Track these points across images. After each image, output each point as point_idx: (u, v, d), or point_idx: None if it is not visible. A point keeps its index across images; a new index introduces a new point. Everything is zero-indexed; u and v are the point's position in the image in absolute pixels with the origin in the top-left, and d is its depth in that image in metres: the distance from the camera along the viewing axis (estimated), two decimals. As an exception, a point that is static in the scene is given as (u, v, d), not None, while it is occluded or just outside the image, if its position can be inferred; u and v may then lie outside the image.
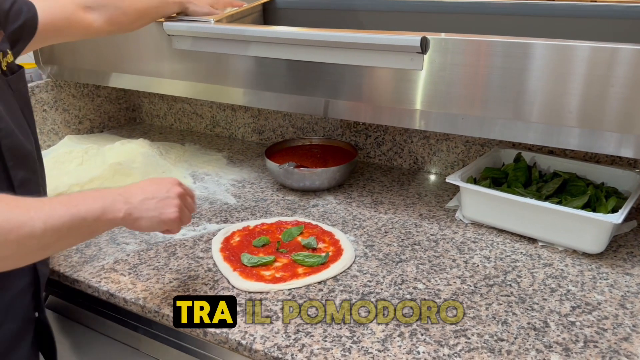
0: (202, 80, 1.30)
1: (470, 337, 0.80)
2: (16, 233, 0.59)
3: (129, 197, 0.74)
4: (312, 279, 0.94)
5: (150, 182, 0.80)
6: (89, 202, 0.68)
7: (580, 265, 0.98)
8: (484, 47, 0.94)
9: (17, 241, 0.59)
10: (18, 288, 0.83)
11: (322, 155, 1.40)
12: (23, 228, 0.59)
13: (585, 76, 0.87)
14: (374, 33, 1.00)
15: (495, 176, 1.18)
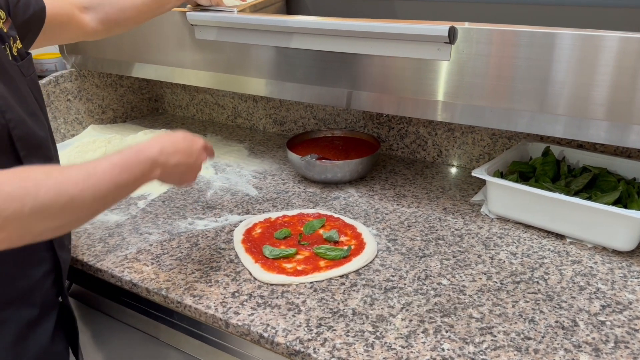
0: (224, 70, 1.30)
1: (496, 335, 0.78)
2: (70, 206, 0.63)
3: (166, 160, 0.77)
4: (334, 273, 0.93)
5: (183, 140, 0.82)
6: (131, 168, 0.71)
7: (610, 263, 0.96)
8: (511, 37, 0.91)
9: (71, 212, 0.64)
10: (38, 275, 0.83)
11: (344, 147, 1.38)
12: (75, 201, 0.63)
13: (614, 67, 0.85)
14: (400, 22, 0.98)
15: (523, 170, 1.15)
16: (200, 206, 1.20)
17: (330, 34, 1.06)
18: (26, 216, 0.59)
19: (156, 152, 0.75)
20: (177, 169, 0.80)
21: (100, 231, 1.11)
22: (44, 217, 0.61)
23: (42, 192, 0.60)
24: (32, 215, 0.60)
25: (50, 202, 0.61)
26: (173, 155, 0.78)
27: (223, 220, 1.14)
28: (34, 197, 0.60)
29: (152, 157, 0.75)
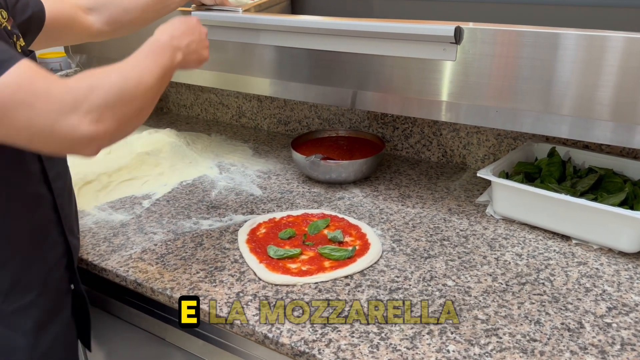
0: (228, 70, 1.30)
1: (501, 337, 0.78)
2: (142, 88, 0.73)
3: (179, 43, 0.84)
4: (338, 273, 0.93)
5: (181, 22, 0.88)
6: (161, 54, 0.80)
7: (617, 265, 0.95)
8: (516, 37, 0.91)
9: (143, 95, 0.73)
10: (53, 259, 0.86)
11: (349, 147, 1.38)
12: (143, 84, 0.73)
13: (619, 67, 0.84)
14: (406, 22, 0.97)
15: (528, 171, 1.14)
16: (205, 206, 1.20)
17: (335, 34, 1.06)
18: (111, 102, 0.67)
19: (168, 38, 0.83)
20: (190, 48, 0.87)
21: (105, 231, 1.11)
22: (124, 101, 0.70)
23: (113, 79, 0.69)
24: (116, 100, 0.68)
25: (123, 86, 0.70)
26: (182, 37, 0.85)
27: (227, 220, 1.14)
28: (109, 84, 0.68)
29: (169, 43, 0.83)
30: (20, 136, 0.65)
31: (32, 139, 0.65)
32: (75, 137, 0.65)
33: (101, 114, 0.66)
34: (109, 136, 0.68)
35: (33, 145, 0.67)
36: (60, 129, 0.63)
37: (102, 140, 0.68)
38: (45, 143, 0.66)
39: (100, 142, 0.68)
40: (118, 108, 0.69)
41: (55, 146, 0.67)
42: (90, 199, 1.23)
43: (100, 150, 0.69)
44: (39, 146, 0.67)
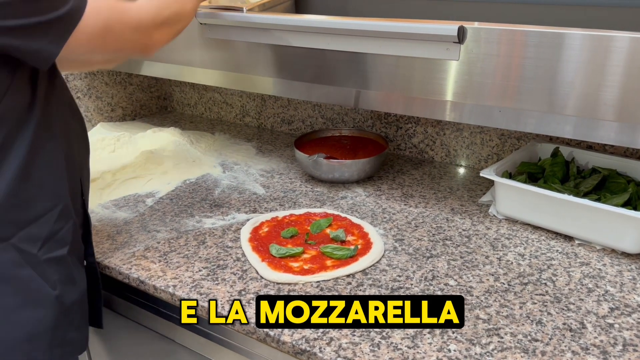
0: (232, 69, 1.30)
1: (503, 337, 0.78)
2: (185, 16, 0.94)
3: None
4: (340, 272, 0.93)
5: None
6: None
7: (619, 265, 0.95)
8: (520, 37, 0.91)
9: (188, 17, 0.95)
10: (77, 225, 0.88)
11: (352, 147, 1.38)
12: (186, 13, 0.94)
13: (624, 68, 0.84)
14: (409, 22, 0.97)
15: (532, 171, 1.14)
16: (208, 204, 1.21)
17: (338, 33, 1.06)
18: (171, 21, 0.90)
19: None
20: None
21: (109, 228, 1.11)
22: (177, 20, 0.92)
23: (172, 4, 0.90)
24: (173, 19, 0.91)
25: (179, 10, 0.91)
26: None
27: (230, 218, 1.14)
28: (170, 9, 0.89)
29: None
30: (113, 45, 0.81)
31: (121, 47, 0.83)
32: (148, 44, 0.87)
33: (164, 28, 0.89)
34: (165, 43, 0.91)
35: (119, 52, 0.86)
36: (140, 36, 0.85)
37: (160, 47, 0.90)
38: (128, 48, 0.85)
39: (158, 47, 0.90)
40: (174, 26, 0.92)
41: (133, 49, 0.86)
42: (94, 197, 1.24)
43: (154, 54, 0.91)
44: (124, 52, 0.87)
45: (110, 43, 0.81)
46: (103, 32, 0.78)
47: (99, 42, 0.79)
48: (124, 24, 0.82)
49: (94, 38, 0.78)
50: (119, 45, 0.83)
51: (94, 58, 0.87)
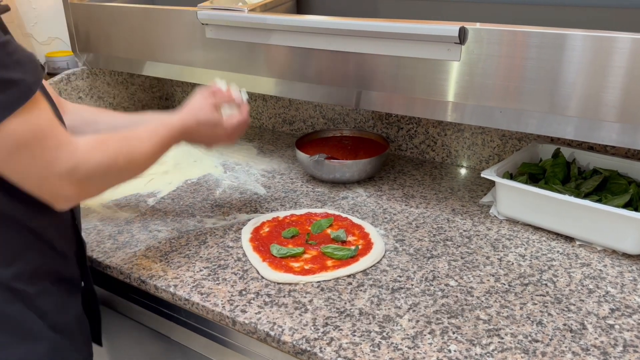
0: (234, 69, 1.30)
1: (503, 337, 0.78)
2: (137, 167, 0.83)
3: (194, 132, 0.95)
4: (341, 272, 0.93)
5: (209, 115, 0.97)
6: (170, 141, 0.90)
7: (620, 266, 0.95)
8: (521, 37, 0.91)
9: (135, 172, 0.84)
10: (69, 253, 0.87)
11: (353, 147, 1.38)
12: (140, 164, 0.84)
13: (626, 69, 0.84)
14: (411, 22, 0.97)
15: (533, 172, 1.14)
16: (209, 204, 1.21)
17: (340, 34, 1.06)
18: (102, 177, 0.76)
19: (189, 126, 0.93)
20: (201, 138, 0.98)
21: (110, 228, 1.11)
22: (114, 176, 0.79)
23: (120, 161, 0.78)
24: (107, 176, 0.77)
25: (121, 165, 0.78)
26: (202, 128, 0.96)
27: (231, 218, 1.15)
28: (116, 164, 0.77)
29: (185, 131, 0.93)
30: (10, 172, 0.69)
31: (21, 180, 0.70)
32: (57, 195, 0.72)
33: (89, 184, 0.74)
34: (84, 199, 0.77)
35: (18, 183, 0.70)
36: (48, 184, 0.70)
37: (76, 202, 0.78)
38: (29, 186, 0.70)
39: (74, 202, 0.77)
40: (107, 181, 0.79)
41: (36, 192, 0.71)
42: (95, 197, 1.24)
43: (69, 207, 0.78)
44: (22, 185, 0.70)
45: (17, 164, 0.67)
46: (22, 143, 0.66)
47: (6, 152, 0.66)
48: (47, 150, 0.68)
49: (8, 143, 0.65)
50: (22, 173, 0.69)
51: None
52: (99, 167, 0.74)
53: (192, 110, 0.96)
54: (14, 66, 0.65)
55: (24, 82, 0.66)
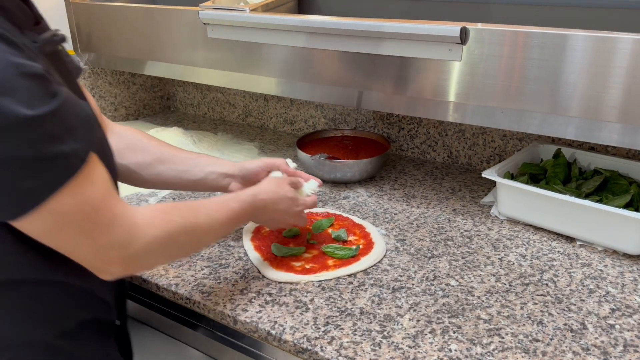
0: (235, 69, 1.30)
1: (504, 337, 0.78)
2: (196, 246, 0.81)
3: (264, 216, 0.90)
4: (342, 272, 0.93)
5: (285, 201, 0.92)
6: (239, 219, 0.84)
7: (621, 267, 0.95)
8: (523, 38, 0.91)
9: (193, 250, 0.83)
10: (110, 298, 0.80)
11: (354, 147, 1.38)
12: (201, 243, 0.82)
13: (627, 69, 0.84)
14: (412, 23, 0.98)
15: (534, 172, 1.14)
16: (210, 204, 1.21)
17: (341, 34, 1.06)
18: (157, 256, 0.72)
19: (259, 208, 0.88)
20: (267, 221, 0.94)
21: (111, 227, 1.11)
22: (170, 256, 0.77)
23: (181, 239, 0.73)
24: (163, 256, 0.73)
25: (182, 245, 0.74)
26: (273, 213, 0.91)
27: (232, 218, 1.15)
28: (174, 242, 0.72)
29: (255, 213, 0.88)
30: (57, 245, 0.64)
31: (67, 253, 0.65)
32: (103, 270, 0.67)
33: (140, 262, 0.70)
34: (133, 274, 0.72)
35: (64, 254, 0.65)
36: (96, 259, 0.66)
37: (124, 276, 0.70)
38: (76, 258, 0.65)
39: (121, 277, 0.69)
40: (161, 259, 0.74)
41: (82, 263, 0.66)
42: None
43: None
44: (68, 256, 0.65)
45: (66, 239, 0.63)
46: (71, 220, 0.61)
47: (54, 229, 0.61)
48: (99, 226, 0.63)
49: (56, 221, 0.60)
50: (70, 248, 0.64)
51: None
52: (155, 243, 0.68)
53: (269, 185, 0.91)
54: (66, 135, 0.59)
55: (75, 152, 0.60)
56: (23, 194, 0.57)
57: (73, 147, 0.59)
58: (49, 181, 0.58)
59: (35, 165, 0.57)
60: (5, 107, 0.54)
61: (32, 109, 0.55)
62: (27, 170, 0.56)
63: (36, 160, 0.56)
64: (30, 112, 0.55)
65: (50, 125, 0.57)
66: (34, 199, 0.58)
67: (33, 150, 0.56)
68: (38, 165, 0.57)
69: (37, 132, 0.56)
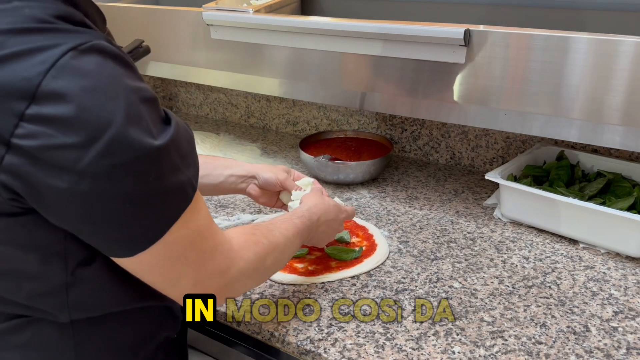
0: (238, 70, 1.30)
1: (507, 339, 0.78)
2: (275, 267, 0.76)
3: (318, 222, 0.87)
4: (345, 273, 0.94)
5: (328, 223, 0.89)
6: (302, 235, 0.82)
7: (624, 269, 0.95)
8: (526, 40, 0.91)
9: (272, 272, 0.78)
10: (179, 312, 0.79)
11: (357, 149, 1.38)
12: (279, 265, 0.78)
13: (630, 72, 0.84)
14: (415, 24, 0.98)
15: (537, 174, 1.14)
16: (213, 205, 1.21)
17: (344, 35, 1.06)
18: (249, 283, 0.72)
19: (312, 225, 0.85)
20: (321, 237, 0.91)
21: (115, 228, 1.12)
22: (260, 280, 0.75)
23: (268, 260, 0.71)
24: (255, 281, 0.74)
25: (269, 266, 0.73)
26: (320, 238, 0.90)
27: (235, 219, 1.15)
28: (263, 263, 0.71)
29: (309, 229, 0.85)
30: (152, 279, 0.60)
31: (167, 285, 0.61)
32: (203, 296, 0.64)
33: (235, 286, 0.68)
34: (222, 303, 0.67)
35: (161, 289, 0.62)
36: (197, 287, 0.62)
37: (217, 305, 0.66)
38: (168, 291, 0.62)
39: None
40: (251, 283, 0.73)
41: (178, 297, 0.63)
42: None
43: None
44: (165, 290, 0.62)
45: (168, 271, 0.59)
46: (179, 251, 0.58)
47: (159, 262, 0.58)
48: (202, 254, 0.61)
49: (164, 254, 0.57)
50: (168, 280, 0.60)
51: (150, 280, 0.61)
52: (249, 268, 0.67)
53: (314, 199, 0.89)
54: (182, 162, 0.56)
55: (190, 180, 0.57)
56: (145, 230, 0.54)
57: (188, 174, 0.57)
58: (168, 214, 0.55)
59: (160, 197, 0.54)
60: (134, 138, 0.50)
61: (156, 138, 0.52)
62: (152, 205, 0.53)
63: (161, 192, 0.53)
64: (156, 142, 0.52)
65: (171, 154, 0.54)
66: (154, 235, 0.55)
67: (159, 183, 0.53)
68: (162, 197, 0.54)
69: (162, 163, 0.53)
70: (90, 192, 0.50)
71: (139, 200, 0.52)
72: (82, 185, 0.49)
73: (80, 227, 0.55)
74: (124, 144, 0.49)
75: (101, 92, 0.49)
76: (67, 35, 0.51)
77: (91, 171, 0.49)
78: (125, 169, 0.50)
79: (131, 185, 0.51)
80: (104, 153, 0.49)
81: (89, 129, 0.48)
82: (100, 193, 0.50)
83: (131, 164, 0.50)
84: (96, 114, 0.49)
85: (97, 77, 0.50)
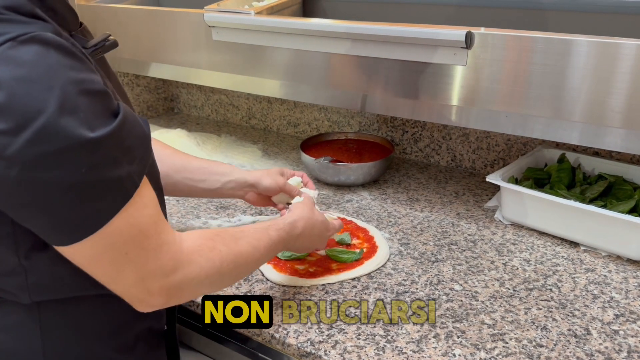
0: (239, 71, 1.30)
1: (508, 342, 0.78)
2: (236, 275, 0.76)
3: (297, 244, 0.86)
4: (345, 275, 0.94)
5: (310, 238, 0.87)
6: (275, 247, 0.80)
7: (625, 272, 0.95)
8: (527, 43, 0.91)
9: (234, 279, 0.79)
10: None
11: (358, 150, 1.38)
12: (241, 273, 0.77)
13: (631, 74, 0.84)
14: (417, 27, 0.98)
15: (538, 177, 1.14)
16: (214, 206, 1.21)
17: (346, 37, 1.07)
18: (200, 287, 0.69)
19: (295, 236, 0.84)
20: (297, 248, 0.89)
21: (115, 229, 1.12)
22: (214, 286, 0.72)
23: (225, 268, 0.69)
24: (206, 286, 0.70)
25: (226, 274, 0.70)
26: (306, 242, 0.88)
27: (236, 220, 1.15)
28: (218, 271, 0.68)
29: (290, 241, 0.83)
30: (97, 273, 0.60)
31: (106, 282, 0.61)
32: (141, 301, 0.63)
33: (182, 291, 0.65)
34: (171, 305, 0.67)
35: (105, 282, 0.62)
36: (137, 289, 0.62)
37: (162, 306, 0.65)
38: (113, 288, 0.62)
39: (159, 309, 0.65)
40: (204, 289, 0.71)
41: (119, 294, 0.63)
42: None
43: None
44: (106, 285, 0.62)
45: (107, 267, 0.59)
46: (118, 246, 0.58)
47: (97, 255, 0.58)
48: (145, 252, 0.60)
49: (102, 247, 0.57)
50: (109, 276, 0.61)
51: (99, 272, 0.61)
52: (199, 273, 0.65)
53: (303, 212, 0.88)
54: (123, 156, 0.56)
55: (131, 176, 0.57)
56: (79, 221, 0.55)
57: (129, 169, 0.57)
58: (106, 207, 0.56)
59: (94, 190, 0.54)
60: (66, 128, 0.51)
61: (93, 130, 0.52)
62: (85, 196, 0.54)
63: (95, 184, 0.54)
64: (91, 134, 0.52)
65: (110, 147, 0.54)
66: (91, 226, 0.55)
67: (92, 175, 0.53)
68: (97, 190, 0.54)
69: (97, 155, 0.53)
70: (20, 179, 0.51)
71: (71, 190, 0.53)
72: (12, 172, 0.51)
73: (16, 213, 0.56)
74: (54, 133, 0.50)
75: (35, 81, 0.51)
76: (11, 26, 0.52)
77: (20, 158, 0.50)
78: (54, 158, 0.51)
79: (61, 174, 0.52)
80: (33, 141, 0.50)
81: (18, 116, 0.50)
82: (31, 180, 0.51)
83: (60, 153, 0.51)
84: (26, 102, 0.50)
85: (33, 66, 0.51)
